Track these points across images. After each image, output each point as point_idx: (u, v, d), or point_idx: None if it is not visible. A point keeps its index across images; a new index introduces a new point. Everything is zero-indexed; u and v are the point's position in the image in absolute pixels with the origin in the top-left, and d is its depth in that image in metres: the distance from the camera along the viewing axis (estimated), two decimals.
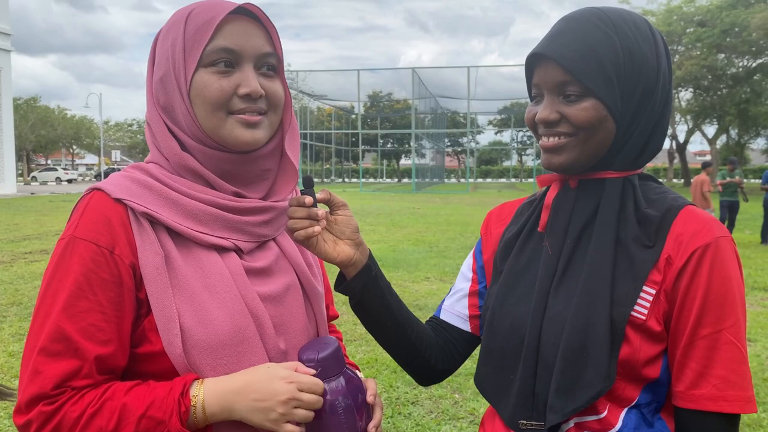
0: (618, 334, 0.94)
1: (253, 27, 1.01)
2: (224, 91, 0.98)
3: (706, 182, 11.20)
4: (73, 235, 0.93)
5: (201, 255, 0.98)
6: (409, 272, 8.23)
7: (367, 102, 59.08)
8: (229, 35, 0.98)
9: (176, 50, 0.99)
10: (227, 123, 0.99)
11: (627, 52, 0.98)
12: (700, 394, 0.92)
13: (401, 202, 23.84)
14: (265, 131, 1.02)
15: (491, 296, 1.12)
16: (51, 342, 0.89)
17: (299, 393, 0.93)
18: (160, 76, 1.01)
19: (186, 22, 1.00)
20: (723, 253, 0.94)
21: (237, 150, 1.01)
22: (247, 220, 1.02)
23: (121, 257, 0.93)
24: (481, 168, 78.74)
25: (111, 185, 0.97)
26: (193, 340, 0.93)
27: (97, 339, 0.91)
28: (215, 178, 1.02)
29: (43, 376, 0.88)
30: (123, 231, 0.95)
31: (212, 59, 0.98)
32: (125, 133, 74.07)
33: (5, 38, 30.71)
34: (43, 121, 53.51)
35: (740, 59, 34.47)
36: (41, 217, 15.93)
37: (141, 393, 0.90)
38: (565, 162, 1.01)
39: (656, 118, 1.02)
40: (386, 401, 3.97)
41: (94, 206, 0.95)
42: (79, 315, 0.90)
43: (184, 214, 0.98)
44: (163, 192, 0.98)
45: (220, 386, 0.93)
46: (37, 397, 0.88)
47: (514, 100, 52.26)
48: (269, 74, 1.03)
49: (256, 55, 1.00)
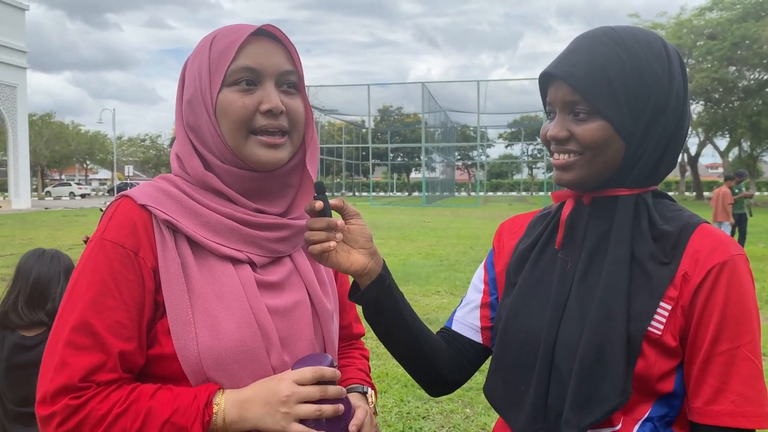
0: (634, 349, 0.95)
1: (273, 47, 1.05)
2: (247, 108, 1.02)
3: (727, 195, 11.16)
4: (101, 236, 0.99)
5: (216, 265, 1.02)
6: (420, 286, 8.21)
7: (377, 116, 59.31)
8: (250, 55, 1.03)
9: (202, 72, 1.04)
10: (249, 142, 1.03)
11: (636, 71, 0.98)
12: (719, 410, 0.93)
13: (411, 216, 23.85)
14: (287, 151, 1.06)
15: (504, 308, 1.13)
16: (78, 336, 0.93)
17: (297, 387, 0.96)
18: (188, 98, 1.06)
19: (211, 46, 1.05)
20: (739, 270, 0.95)
21: (259, 169, 1.05)
22: (263, 235, 1.05)
23: (144, 260, 0.98)
24: (492, 181, 78.55)
25: (138, 192, 1.03)
26: (201, 346, 0.96)
27: (121, 335, 0.95)
28: (236, 195, 1.06)
29: (71, 368, 0.92)
30: (146, 236, 0.99)
31: (235, 78, 1.02)
32: (138, 148, 74.77)
33: (21, 56, 31.19)
34: (57, 136, 54.17)
35: (751, 72, 34.32)
36: (55, 232, 16.08)
37: (166, 398, 0.94)
38: (574, 179, 1.03)
39: (669, 137, 1.02)
40: (397, 416, 3.96)
41: (122, 211, 1.01)
42: (105, 312, 0.94)
43: (203, 224, 1.02)
44: (185, 202, 1.03)
45: (239, 395, 0.97)
46: (65, 389, 0.91)
47: (524, 114, 52.14)
48: (290, 91, 1.07)
49: (276, 73, 1.04)
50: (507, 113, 52.76)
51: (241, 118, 1.02)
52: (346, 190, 59.92)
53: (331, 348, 1.12)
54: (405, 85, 54.74)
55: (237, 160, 1.04)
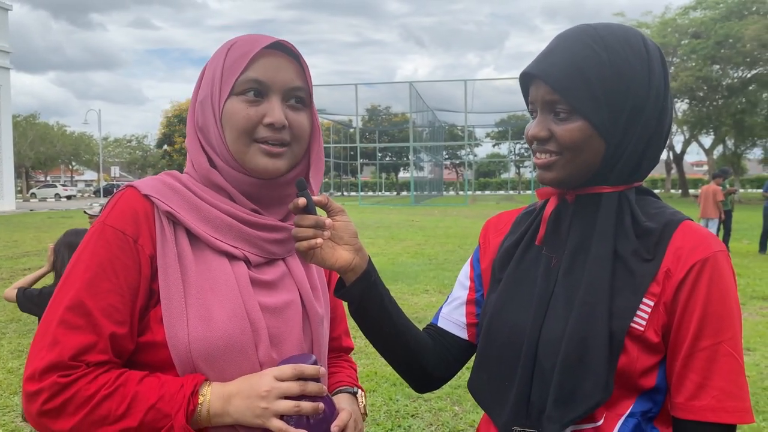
0: (617, 345, 0.96)
1: (285, 62, 1.07)
2: (250, 119, 1.04)
3: (718, 191, 11.33)
4: (104, 222, 1.01)
5: (212, 259, 1.04)
6: (408, 285, 8.22)
7: (365, 116, 59.23)
8: (260, 68, 1.05)
9: (215, 78, 1.07)
10: (250, 149, 1.05)
11: (615, 69, 0.98)
12: (701, 405, 0.94)
13: (400, 215, 23.86)
14: (286, 161, 1.08)
15: (489, 304, 1.13)
16: (72, 315, 0.95)
17: (277, 383, 0.97)
18: (201, 99, 1.09)
19: (227, 54, 1.08)
20: (721, 267, 0.96)
21: (258, 176, 1.07)
22: (260, 235, 1.08)
23: (143, 247, 1.00)
24: (480, 180, 78.77)
25: (143, 183, 1.06)
26: (192, 335, 0.98)
27: (114, 319, 0.97)
28: (237, 193, 1.08)
29: (62, 346, 0.93)
30: (147, 224, 1.02)
31: (243, 89, 1.05)
32: (124, 149, 74.28)
33: (4, 56, 30.87)
34: (42, 137, 53.63)
35: (735, 70, 34.69)
36: (40, 234, 15.92)
37: (153, 384, 0.95)
38: (556, 178, 1.04)
39: (650, 134, 1.02)
40: (386, 414, 3.96)
41: (125, 199, 1.03)
42: (100, 294, 0.96)
43: (203, 219, 1.05)
44: (187, 196, 1.06)
45: (224, 390, 0.98)
46: (54, 365, 0.92)
47: (510, 113, 52.33)
48: (297, 106, 1.09)
49: (284, 88, 1.06)
50: (494, 112, 52.90)
51: (244, 128, 1.04)
52: (334, 189, 59.85)
53: (318, 350, 1.13)
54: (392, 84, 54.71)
55: (238, 166, 1.07)
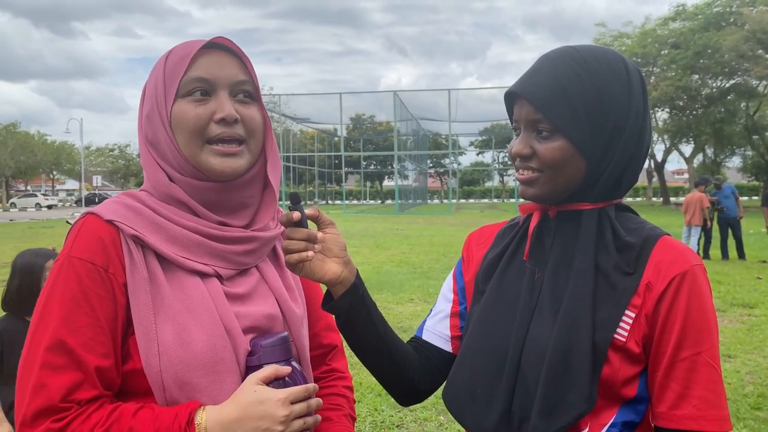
0: (600, 357, 0.98)
1: (226, 58, 1.07)
2: (200, 118, 1.03)
3: (704, 199, 11.59)
4: (69, 254, 0.97)
5: (184, 278, 1.02)
6: (393, 294, 8.21)
7: (349, 124, 59.30)
8: (202, 66, 1.05)
9: (158, 86, 1.06)
10: (204, 152, 1.04)
11: (596, 90, 1.01)
12: (682, 414, 0.96)
13: (385, 224, 23.87)
14: (244, 159, 1.06)
15: (472, 316, 1.15)
16: (54, 356, 0.92)
17: (292, 407, 0.97)
18: (147, 113, 1.07)
19: (166, 61, 1.07)
20: (699, 280, 0.99)
21: (216, 179, 1.05)
22: (230, 249, 1.06)
23: (115, 275, 0.98)
24: (464, 189, 79.08)
25: (104, 209, 1.02)
26: (171, 357, 0.96)
27: (97, 352, 0.94)
28: (200, 207, 1.06)
29: (49, 388, 0.90)
30: (115, 252, 0.99)
31: (188, 89, 1.04)
32: (106, 158, 73.52)
33: None
34: (22, 146, 52.93)
35: (714, 80, 35.30)
36: (21, 245, 15.67)
37: (147, 417, 0.93)
38: (537, 194, 1.06)
39: (629, 154, 1.05)
40: (371, 425, 3.95)
41: (88, 228, 1.00)
42: (79, 330, 0.94)
43: (170, 239, 1.03)
44: (151, 217, 1.03)
45: (222, 416, 0.95)
46: (45, 410, 0.90)
47: (494, 122, 52.64)
48: (245, 101, 1.08)
49: (230, 83, 1.06)
50: (477, 121, 53.08)
51: (195, 128, 1.03)
52: (319, 198, 59.74)
53: (302, 352, 1.13)
54: (376, 93, 55.00)
55: (195, 172, 1.05)
